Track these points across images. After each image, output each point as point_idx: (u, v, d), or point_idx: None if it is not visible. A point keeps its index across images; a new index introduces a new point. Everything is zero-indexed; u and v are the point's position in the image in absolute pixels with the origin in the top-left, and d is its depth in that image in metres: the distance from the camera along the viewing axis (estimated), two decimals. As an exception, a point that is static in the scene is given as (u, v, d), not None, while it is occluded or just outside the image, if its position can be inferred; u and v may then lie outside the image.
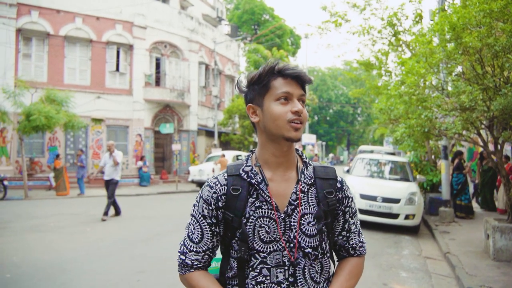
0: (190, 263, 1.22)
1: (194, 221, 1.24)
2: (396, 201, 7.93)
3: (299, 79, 1.20)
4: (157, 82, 19.49)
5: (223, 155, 15.66)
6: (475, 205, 10.76)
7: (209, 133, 22.67)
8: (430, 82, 7.31)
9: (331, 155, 34.37)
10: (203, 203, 1.23)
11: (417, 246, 7.05)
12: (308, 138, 34.85)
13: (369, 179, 9.16)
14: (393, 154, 14.17)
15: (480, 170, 10.77)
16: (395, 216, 7.88)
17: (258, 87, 1.23)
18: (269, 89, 1.21)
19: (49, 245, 6.25)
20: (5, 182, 11.95)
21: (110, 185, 8.65)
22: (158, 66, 19.56)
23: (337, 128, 52.84)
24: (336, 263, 1.36)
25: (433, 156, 11.48)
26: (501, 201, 9.36)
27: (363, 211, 8.05)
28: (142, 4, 18.24)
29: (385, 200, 7.97)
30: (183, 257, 1.23)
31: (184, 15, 20.52)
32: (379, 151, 13.36)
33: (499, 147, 6.24)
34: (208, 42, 22.09)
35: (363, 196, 8.14)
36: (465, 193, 9.59)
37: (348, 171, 10.10)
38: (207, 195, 1.23)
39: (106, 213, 8.61)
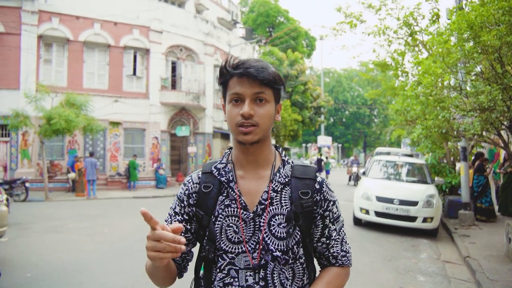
0: None
1: (168, 217, 1.24)
2: (414, 203, 7.78)
3: (252, 76, 1.08)
4: (173, 86, 19.72)
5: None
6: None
7: (225, 136, 22.79)
8: (448, 82, 7.17)
9: (351, 158, 31.02)
10: (176, 200, 1.23)
11: (436, 249, 6.90)
12: (323, 140, 34.68)
13: (385, 181, 9.02)
14: (410, 156, 13.93)
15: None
16: (413, 219, 7.73)
17: (222, 87, 1.17)
18: (227, 89, 1.14)
19: (68, 246, 6.40)
20: (27, 184, 12.29)
21: None
22: (174, 69, 19.80)
23: (353, 130, 52.30)
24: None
25: (452, 158, 11.23)
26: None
27: (379, 214, 7.95)
28: (158, 8, 18.52)
29: (402, 202, 7.84)
30: None
31: (200, 19, 20.73)
32: (396, 153, 13.17)
33: (520, 148, 6.07)
34: (223, 45, 22.25)
35: (380, 199, 8.03)
36: (486, 196, 9.33)
37: (364, 173, 9.98)
38: (180, 193, 1.23)
39: None
